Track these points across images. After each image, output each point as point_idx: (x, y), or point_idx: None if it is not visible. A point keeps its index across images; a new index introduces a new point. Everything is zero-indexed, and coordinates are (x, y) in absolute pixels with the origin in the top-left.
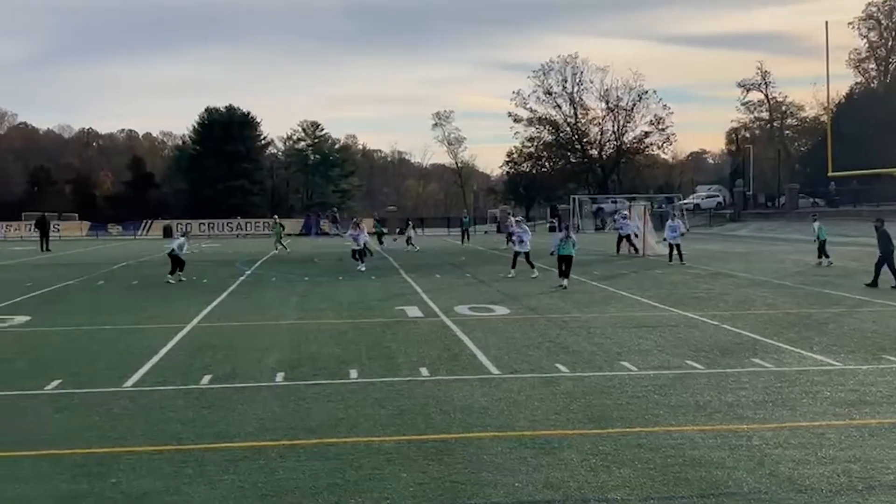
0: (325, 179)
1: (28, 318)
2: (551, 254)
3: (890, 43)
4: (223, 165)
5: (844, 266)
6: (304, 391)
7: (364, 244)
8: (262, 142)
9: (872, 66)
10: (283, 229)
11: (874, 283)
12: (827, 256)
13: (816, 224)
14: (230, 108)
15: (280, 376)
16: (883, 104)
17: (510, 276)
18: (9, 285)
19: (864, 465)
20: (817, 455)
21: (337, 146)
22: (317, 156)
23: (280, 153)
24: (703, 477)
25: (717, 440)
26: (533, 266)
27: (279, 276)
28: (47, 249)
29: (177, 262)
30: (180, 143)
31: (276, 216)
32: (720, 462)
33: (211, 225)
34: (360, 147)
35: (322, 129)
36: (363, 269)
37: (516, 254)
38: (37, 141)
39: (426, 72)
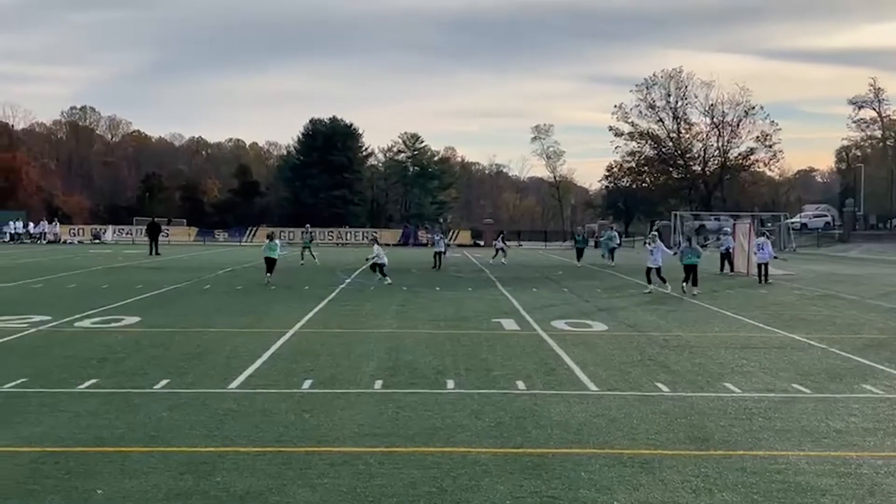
0: (424, 191)
1: (138, 318)
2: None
3: None
4: (325, 175)
5: None
6: (401, 399)
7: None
8: (364, 153)
9: None
10: (312, 240)
11: None
12: None
13: None
14: (333, 120)
15: (378, 384)
16: None
17: (647, 292)
18: (120, 287)
19: None
20: None
21: (436, 158)
22: (416, 167)
23: (380, 164)
24: None
25: (825, 467)
26: (664, 281)
27: (378, 286)
28: (157, 253)
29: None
30: (285, 152)
31: (308, 225)
32: (827, 489)
33: (313, 234)
34: (459, 159)
35: (422, 142)
36: (389, 281)
37: (649, 269)
38: (149, 148)
39: (526, 85)
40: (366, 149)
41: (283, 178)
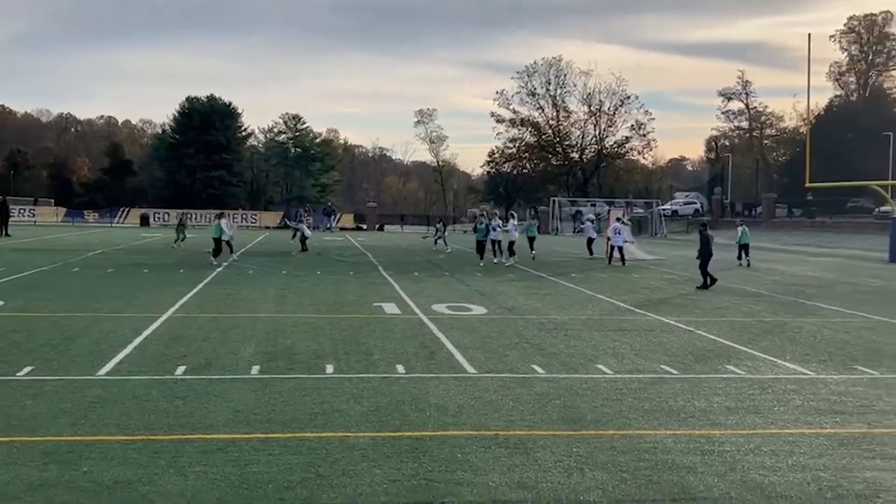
0: (305, 173)
1: (1, 303)
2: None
3: (870, 57)
4: (202, 155)
5: (819, 277)
6: (279, 384)
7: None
8: (243, 133)
9: (852, 79)
10: (185, 227)
11: (706, 286)
12: (747, 256)
13: (741, 228)
14: (211, 98)
15: (255, 369)
16: (861, 117)
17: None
18: None
19: (833, 474)
20: (788, 462)
21: (318, 140)
22: (297, 149)
23: (261, 145)
24: (675, 481)
25: (690, 445)
26: (513, 255)
27: (256, 269)
28: (6, 234)
29: (219, 245)
30: (160, 131)
31: (184, 211)
32: (692, 467)
33: (189, 216)
34: (342, 142)
35: (304, 123)
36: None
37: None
38: (13, 123)
39: (410, 69)
40: (245, 129)
41: (157, 157)
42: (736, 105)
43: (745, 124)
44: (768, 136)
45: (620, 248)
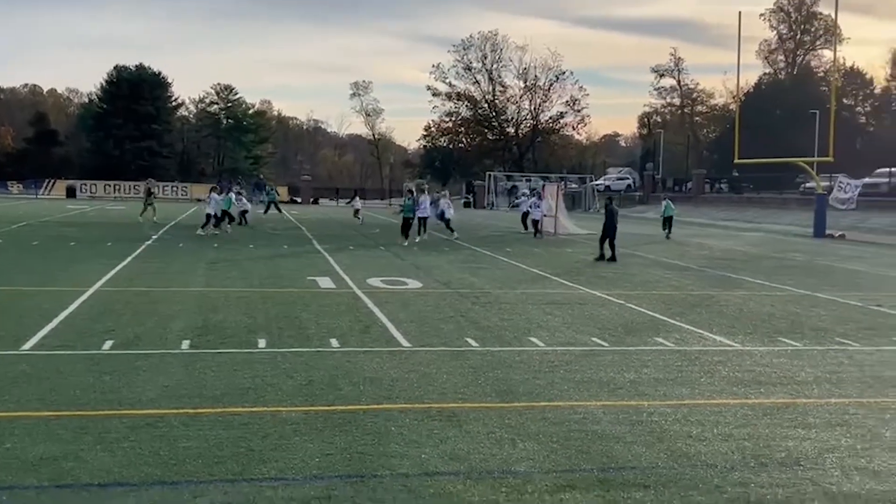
0: (238, 145)
1: None
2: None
3: (798, 36)
4: (131, 125)
5: (746, 251)
6: (209, 359)
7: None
8: (173, 103)
9: (781, 57)
10: (153, 196)
11: (603, 258)
12: (670, 230)
13: (665, 202)
14: (140, 67)
15: (185, 344)
16: (789, 95)
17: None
18: None
19: (756, 443)
20: (714, 432)
21: (251, 111)
22: (230, 120)
23: (191, 116)
24: (604, 451)
25: (619, 416)
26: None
27: (187, 242)
28: None
29: (226, 214)
30: (87, 100)
31: (151, 179)
32: (621, 437)
33: (117, 187)
34: (275, 113)
35: (236, 93)
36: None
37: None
38: None
39: (346, 40)
40: (175, 99)
41: (84, 127)
42: (668, 82)
43: (676, 101)
44: (699, 112)
45: (537, 222)
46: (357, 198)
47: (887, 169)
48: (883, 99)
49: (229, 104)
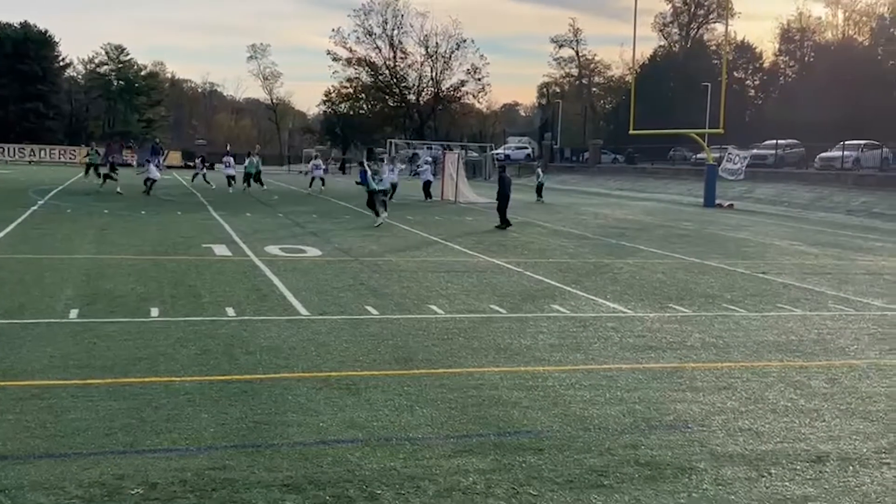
0: (130, 108)
1: None
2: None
3: (693, 9)
4: (15, 86)
5: (640, 220)
6: (99, 329)
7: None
8: (60, 63)
9: (675, 30)
10: (99, 157)
11: (504, 226)
12: (541, 197)
13: (539, 171)
14: (25, 25)
15: (74, 313)
16: (682, 68)
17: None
18: None
19: (647, 406)
20: (606, 396)
21: (143, 73)
22: (120, 82)
23: (80, 77)
24: (501, 416)
25: (516, 381)
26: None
27: (76, 208)
28: None
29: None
30: None
31: (94, 143)
32: (517, 402)
33: (1, 150)
34: (169, 75)
35: (127, 54)
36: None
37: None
38: None
39: (243, 1)
40: (63, 59)
41: None
42: (567, 52)
43: (574, 72)
44: (596, 83)
45: (429, 184)
46: (222, 162)
47: (774, 141)
48: (771, 73)
49: (120, 65)
